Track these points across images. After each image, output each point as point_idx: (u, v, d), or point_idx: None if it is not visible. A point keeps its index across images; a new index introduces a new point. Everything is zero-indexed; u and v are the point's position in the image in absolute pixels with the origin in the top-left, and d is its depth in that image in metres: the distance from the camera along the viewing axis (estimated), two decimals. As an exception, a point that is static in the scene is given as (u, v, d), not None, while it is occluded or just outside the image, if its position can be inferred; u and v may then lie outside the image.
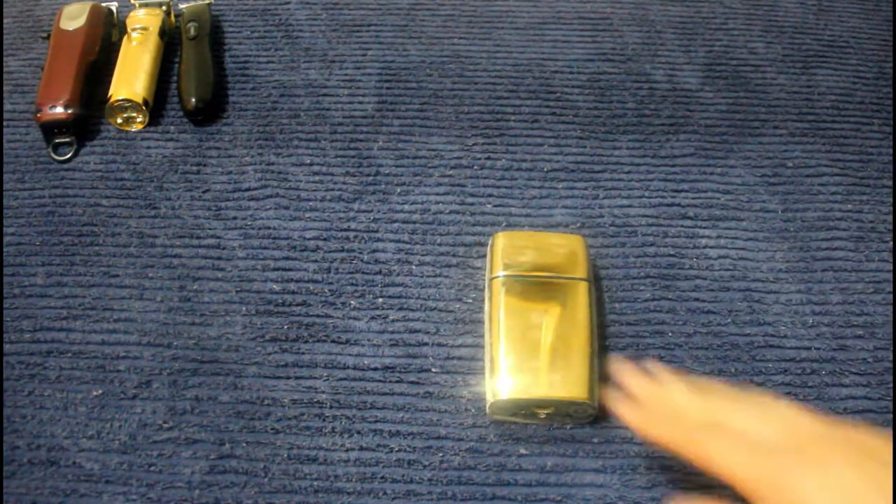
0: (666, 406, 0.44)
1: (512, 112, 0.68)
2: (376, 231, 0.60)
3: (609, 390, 0.48)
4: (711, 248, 0.60)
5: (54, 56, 0.67)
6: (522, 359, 0.49)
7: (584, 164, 0.65)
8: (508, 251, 0.54)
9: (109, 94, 0.66)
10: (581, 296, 0.52)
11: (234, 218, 0.61)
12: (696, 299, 0.57)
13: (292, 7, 0.77)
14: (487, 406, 0.50)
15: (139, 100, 0.65)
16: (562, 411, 0.50)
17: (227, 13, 0.76)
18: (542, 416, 0.50)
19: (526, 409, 0.50)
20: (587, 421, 0.51)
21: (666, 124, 0.68)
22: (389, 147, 0.66)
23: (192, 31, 0.70)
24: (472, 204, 0.62)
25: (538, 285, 0.52)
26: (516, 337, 0.50)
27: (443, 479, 0.49)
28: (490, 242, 0.56)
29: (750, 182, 0.64)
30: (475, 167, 0.64)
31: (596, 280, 0.57)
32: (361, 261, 0.59)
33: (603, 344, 0.55)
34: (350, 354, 0.54)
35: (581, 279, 0.53)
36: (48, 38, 0.69)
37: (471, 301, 0.57)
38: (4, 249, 0.59)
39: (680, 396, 0.44)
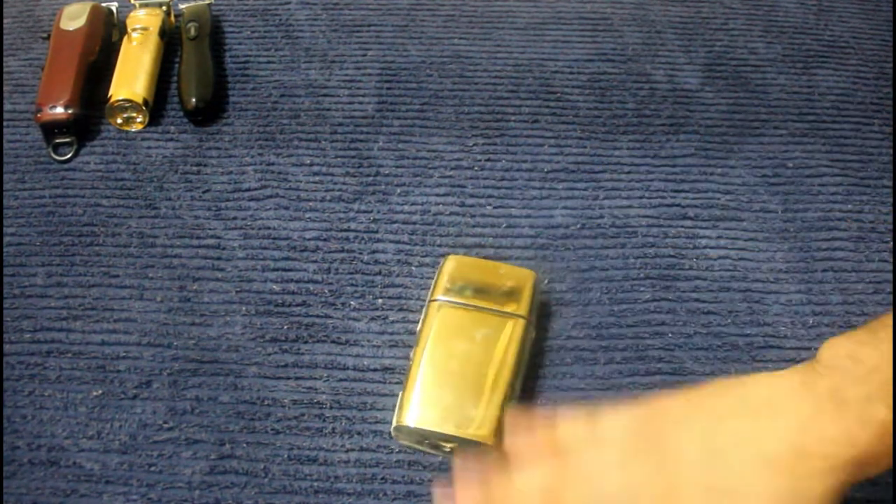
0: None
1: (512, 112, 0.68)
2: (376, 231, 0.60)
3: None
4: (711, 248, 0.60)
5: (54, 56, 0.67)
6: (437, 389, 0.48)
7: (584, 164, 0.65)
8: (454, 276, 0.53)
9: (109, 94, 0.66)
10: (515, 334, 0.50)
11: (234, 218, 0.61)
12: (697, 300, 0.57)
13: (292, 7, 0.77)
14: (391, 428, 0.49)
15: (139, 100, 0.65)
16: (465, 449, 0.48)
17: (227, 13, 0.76)
18: (447, 450, 0.49)
19: (430, 439, 0.48)
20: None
21: (666, 125, 0.68)
22: (389, 147, 0.66)
23: (192, 31, 0.70)
24: (472, 205, 0.62)
25: (474, 315, 0.51)
26: (438, 364, 0.49)
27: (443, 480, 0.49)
28: (441, 263, 0.54)
29: (750, 182, 0.64)
30: (475, 168, 0.64)
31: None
32: (361, 261, 0.59)
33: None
34: (350, 355, 0.54)
35: (519, 316, 0.51)
36: (48, 38, 0.69)
37: (471, 301, 0.57)
38: (4, 249, 0.59)
39: (520, 482, 0.40)
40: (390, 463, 0.49)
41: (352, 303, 0.57)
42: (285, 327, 0.55)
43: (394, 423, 0.48)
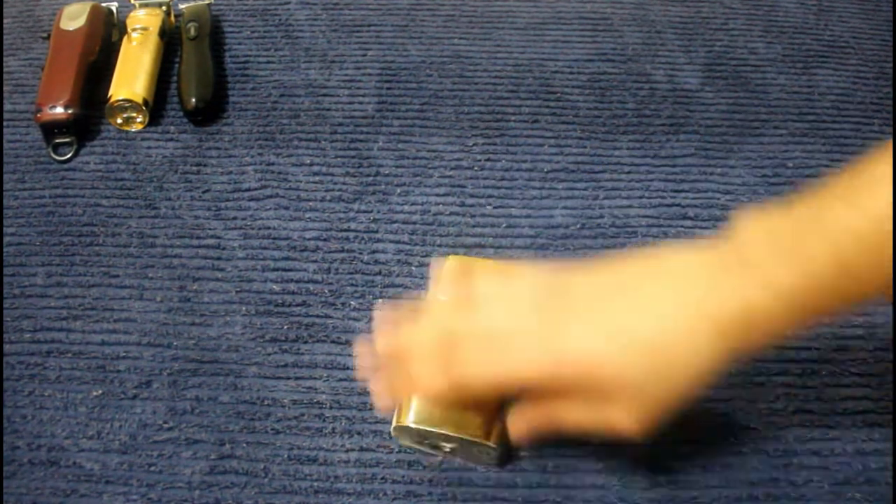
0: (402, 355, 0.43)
1: (512, 112, 0.68)
2: (376, 231, 0.60)
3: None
4: (711, 248, 0.60)
5: (54, 56, 0.67)
6: None
7: (584, 164, 0.65)
8: (455, 276, 0.51)
9: (109, 94, 0.66)
10: None
11: (234, 218, 0.61)
12: (696, 300, 0.57)
13: (292, 7, 0.77)
14: (391, 428, 0.48)
15: (139, 100, 0.65)
16: (465, 449, 0.48)
17: (227, 13, 0.76)
18: (447, 450, 0.48)
19: (430, 439, 0.48)
20: (492, 463, 0.49)
21: (666, 125, 0.68)
22: (389, 147, 0.66)
23: (192, 31, 0.70)
24: (472, 205, 0.62)
25: None
26: None
27: (443, 480, 0.49)
28: (441, 264, 0.53)
29: (750, 182, 0.64)
30: (475, 168, 0.64)
31: None
32: (361, 261, 0.59)
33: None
34: (350, 355, 0.54)
35: None
36: (48, 38, 0.69)
37: (471, 301, 0.57)
38: (4, 249, 0.59)
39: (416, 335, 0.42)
40: (390, 463, 0.49)
41: (352, 303, 0.57)
42: (285, 327, 0.55)
43: (394, 423, 0.48)
